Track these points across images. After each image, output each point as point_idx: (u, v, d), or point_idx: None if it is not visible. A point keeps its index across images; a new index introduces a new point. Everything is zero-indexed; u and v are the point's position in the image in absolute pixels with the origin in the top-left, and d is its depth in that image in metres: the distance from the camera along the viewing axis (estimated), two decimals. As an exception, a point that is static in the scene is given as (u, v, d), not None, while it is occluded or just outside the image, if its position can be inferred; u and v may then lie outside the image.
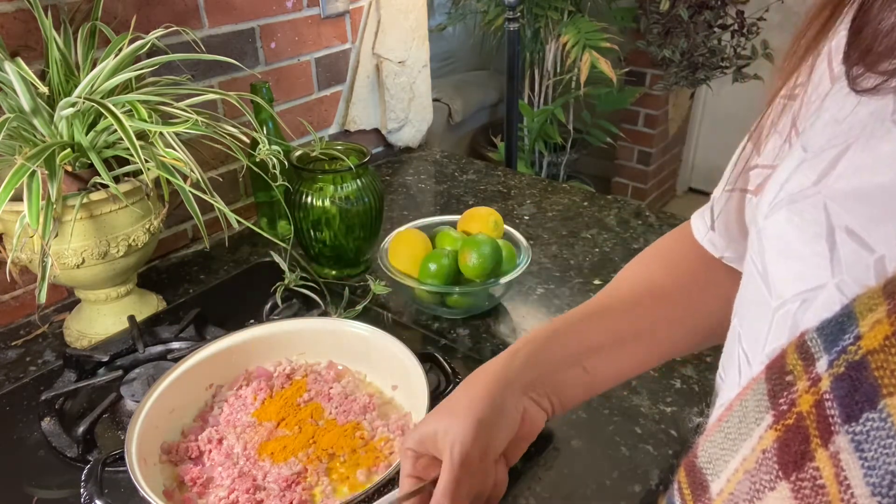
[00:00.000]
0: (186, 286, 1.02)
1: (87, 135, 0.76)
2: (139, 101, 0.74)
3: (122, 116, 0.69)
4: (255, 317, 0.89)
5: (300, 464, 0.63)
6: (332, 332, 0.76)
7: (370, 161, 0.96)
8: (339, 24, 1.28)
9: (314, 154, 0.97)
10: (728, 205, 0.50)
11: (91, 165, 0.76)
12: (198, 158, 0.79)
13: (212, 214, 0.95)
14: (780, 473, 0.29)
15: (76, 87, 0.75)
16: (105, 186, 0.77)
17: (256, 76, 1.14)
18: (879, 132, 0.31)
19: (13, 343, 0.90)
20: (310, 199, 0.94)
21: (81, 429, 0.70)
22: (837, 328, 0.29)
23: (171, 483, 0.62)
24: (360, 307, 0.90)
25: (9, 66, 0.68)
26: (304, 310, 0.91)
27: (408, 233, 0.94)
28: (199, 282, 1.03)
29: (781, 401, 0.30)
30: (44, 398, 0.75)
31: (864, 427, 0.26)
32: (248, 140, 0.86)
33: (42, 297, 0.71)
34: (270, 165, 0.85)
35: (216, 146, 0.83)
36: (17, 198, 0.68)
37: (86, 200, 0.75)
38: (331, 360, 0.76)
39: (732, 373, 0.42)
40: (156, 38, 0.81)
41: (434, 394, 0.65)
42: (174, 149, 0.76)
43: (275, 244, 0.89)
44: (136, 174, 0.81)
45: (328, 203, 0.94)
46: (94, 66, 0.77)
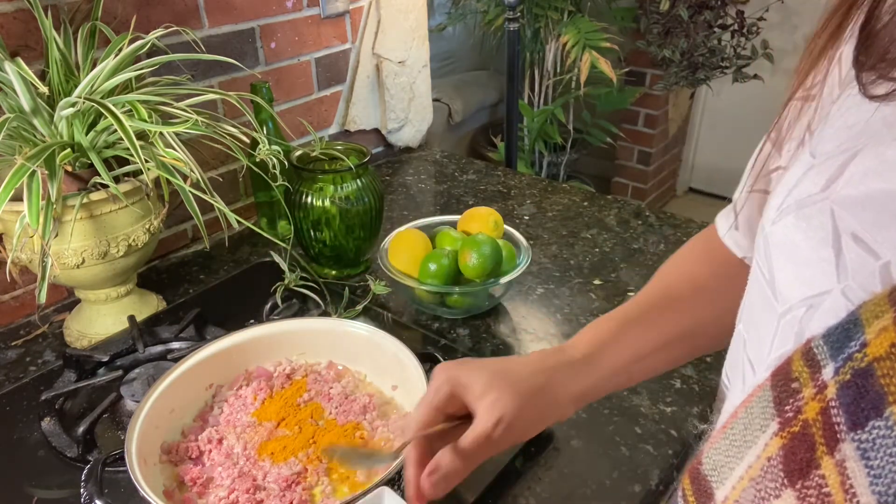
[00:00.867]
0: (186, 286, 1.02)
1: (87, 135, 0.76)
2: (139, 101, 0.74)
3: (122, 116, 0.69)
4: (255, 317, 0.89)
5: (300, 464, 0.63)
6: (332, 332, 0.76)
7: (370, 161, 0.96)
8: (339, 24, 1.28)
9: (314, 154, 0.97)
10: (749, 205, 0.50)
11: (91, 165, 0.76)
12: (198, 158, 0.79)
13: (212, 214, 0.95)
14: (786, 481, 0.29)
15: (76, 87, 0.75)
16: (105, 186, 0.77)
17: (256, 76, 1.14)
18: (888, 138, 0.31)
19: (13, 343, 0.90)
20: (310, 199, 0.94)
21: (81, 429, 0.70)
22: (843, 335, 0.28)
23: (171, 483, 0.62)
24: (360, 307, 0.90)
25: (9, 66, 0.68)
26: (304, 310, 0.91)
27: (408, 233, 0.94)
28: (199, 282, 1.03)
29: (787, 408, 0.30)
30: (44, 398, 0.75)
31: (871, 435, 0.26)
32: (248, 140, 0.86)
33: (42, 297, 0.71)
34: (270, 165, 0.85)
35: (216, 146, 0.83)
36: (17, 198, 0.68)
37: (86, 200, 0.75)
38: (331, 360, 0.76)
39: (737, 379, 0.42)
40: (156, 38, 0.81)
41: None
42: (174, 149, 0.76)
43: (275, 244, 0.89)
44: (136, 174, 0.81)
45: (328, 203, 0.94)
46: (94, 66, 0.77)
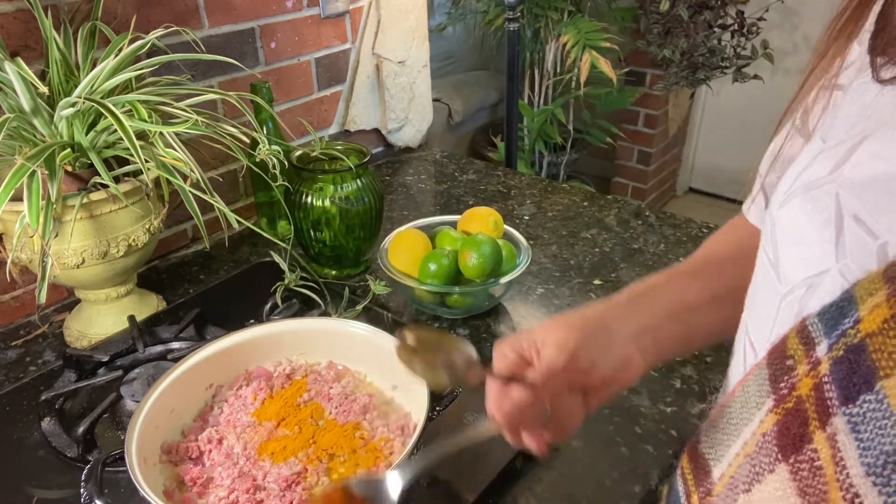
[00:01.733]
0: (186, 286, 1.02)
1: (87, 135, 0.76)
2: (139, 101, 0.74)
3: (122, 116, 0.69)
4: (255, 317, 0.89)
5: (300, 464, 0.63)
6: (332, 332, 0.76)
7: (370, 161, 0.96)
8: (339, 24, 1.28)
9: (314, 154, 0.97)
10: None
11: (91, 165, 0.76)
12: (198, 158, 0.79)
13: (212, 214, 0.95)
14: (780, 456, 0.30)
15: (76, 87, 0.75)
16: (105, 186, 0.77)
17: (256, 76, 1.14)
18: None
19: (13, 343, 0.90)
20: (310, 199, 0.94)
21: (81, 429, 0.70)
22: (838, 312, 0.29)
23: (171, 483, 0.62)
24: (360, 307, 0.90)
25: (9, 66, 0.68)
26: (304, 310, 0.91)
27: (408, 233, 0.94)
28: (199, 282, 1.03)
29: (782, 385, 0.31)
30: (44, 398, 0.75)
31: (861, 409, 0.26)
32: (248, 140, 0.86)
33: (42, 297, 0.71)
34: (270, 165, 0.85)
35: (216, 146, 0.83)
36: (17, 198, 0.68)
37: (86, 200, 0.75)
38: (331, 360, 0.76)
39: (737, 362, 0.42)
40: (156, 38, 0.81)
41: (434, 394, 0.65)
42: (174, 149, 0.76)
43: (275, 244, 0.89)
44: (136, 174, 0.81)
45: (328, 203, 0.94)
46: (94, 66, 0.77)
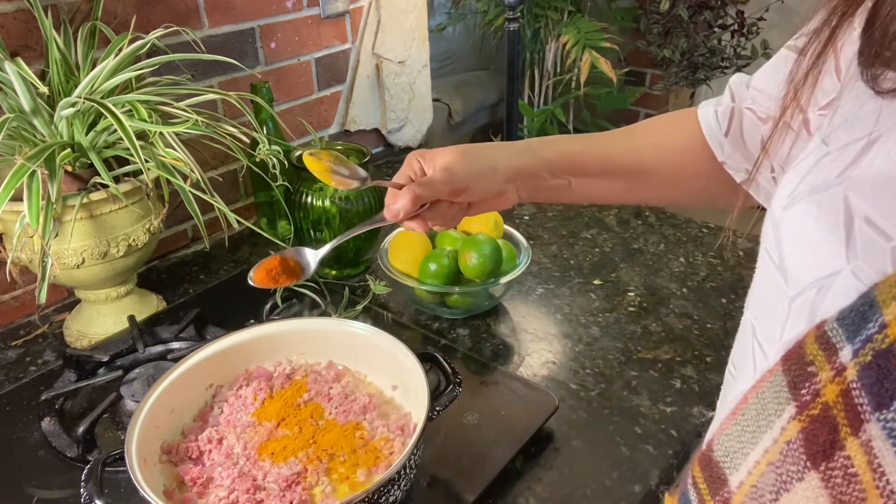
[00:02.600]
0: (186, 286, 1.02)
1: (87, 135, 0.76)
2: (139, 101, 0.74)
3: (122, 116, 0.69)
4: (255, 317, 0.89)
5: (300, 464, 0.63)
6: (332, 332, 0.76)
7: (370, 161, 0.96)
8: (339, 24, 1.28)
9: (314, 154, 0.97)
10: (743, 120, 0.56)
11: (91, 165, 0.76)
12: (198, 158, 0.79)
13: (212, 214, 0.95)
14: (808, 464, 0.29)
15: (76, 87, 0.75)
16: (105, 186, 0.77)
17: (256, 76, 1.14)
18: None
19: (13, 343, 0.90)
20: (310, 199, 0.94)
21: (81, 429, 0.70)
22: (859, 317, 0.29)
23: (171, 483, 0.62)
24: (360, 307, 0.90)
25: (9, 66, 0.68)
26: (304, 310, 0.91)
27: (408, 233, 0.94)
28: (199, 282, 1.03)
29: (804, 391, 0.30)
30: (44, 398, 0.75)
31: None
32: (248, 140, 0.86)
33: (42, 297, 0.71)
34: (270, 165, 0.85)
35: (216, 146, 0.83)
36: (17, 198, 0.68)
37: (86, 200, 0.75)
38: (331, 360, 0.76)
39: (746, 365, 0.42)
40: (156, 38, 0.81)
41: (434, 394, 0.65)
42: (174, 149, 0.76)
43: (275, 244, 0.89)
44: (136, 174, 0.81)
45: (328, 203, 0.94)
46: (94, 66, 0.77)
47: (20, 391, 0.79)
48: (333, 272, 1.02)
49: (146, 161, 0.71)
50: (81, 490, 0.57)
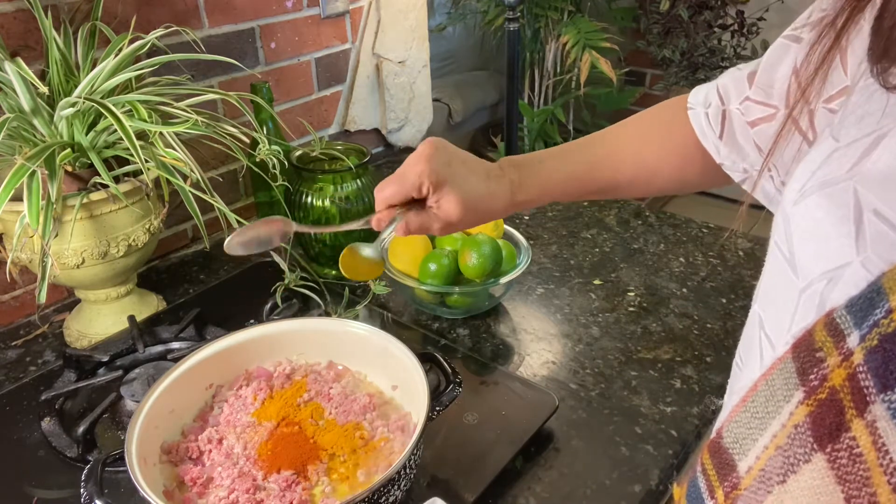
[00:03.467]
0: (186, 286, 1.02)
1: (87, 135, 0.76)
2: (139, 101, 0.74)
3: (122, 116, 0.69)
4: (255, 317, 0.89)
5: (300, 464, 0.63)
6: (332, 332, 0.76)
7: (370, 161, 0.96)
8: (339, 24, 1.28)
9: (314, 154, 0.97)
10: (742, 120, 0.56)
11: (91, 165, 0.76)
12: (198, 158, 0.79)
13: (212, 214, 0.95)
14: (815, 446, 0.30)
15: (76, 87, 0.75)
16: (105, 186, 0.77)
17: (256, 76, 1.14)
18: None
19: (13, 343, 0.90)
20: (310, 199, 0.94)
21: (81, 429, 0.70)
22: (867, 304, 0.30)
23: (171, 483, 0.62)
24: (360, 307, 0.90)
25: (9, 66, 0.68)
26: (304, 310, 0.91)
27: (408, 233, 0.94)
28: (199, 282, 1.03)
29: (812, 377, 0.31)
30: (44, 398, 0.75)
31: None
32: (248, 140, 0.86)
33: (42, 297, 0.71)
34: (270, 165, 0.85)
35: (216, 146, 0.83)
36: (17, 198, 0.68)
37: (86, 200, 0.75)
38: (331, 360, 0.76)
39: (753, 356, 0.42)
40: (156, 38, 0.81)
41: (434, 394, 0.65)
42: (174, 149, 0.76)
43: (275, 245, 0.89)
44: (136, 174, 0.81)
45: (328, 203, 0.94)
46: (94, 66, 0.77)
47: (20, 391, 0.79)
48: (333, 272, 1.02)
49: (146, 161, 0.71)
50: (81, 490, 0.57)
